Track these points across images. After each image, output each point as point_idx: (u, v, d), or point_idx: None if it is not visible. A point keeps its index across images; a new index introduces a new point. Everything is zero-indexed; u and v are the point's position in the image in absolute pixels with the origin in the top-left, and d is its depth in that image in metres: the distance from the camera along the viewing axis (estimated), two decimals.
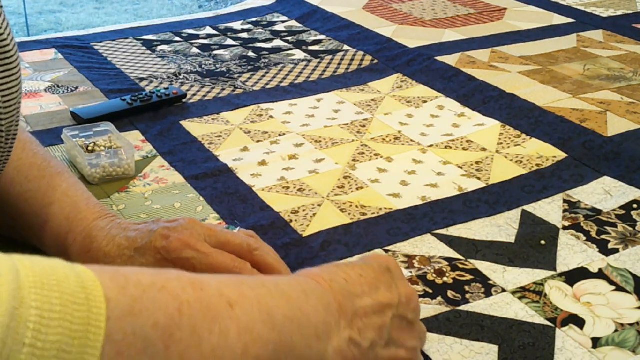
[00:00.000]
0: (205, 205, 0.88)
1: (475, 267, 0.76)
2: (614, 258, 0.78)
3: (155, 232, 0.66)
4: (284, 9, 1.66)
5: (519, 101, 1.15)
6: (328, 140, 1.05)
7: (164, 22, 1.60)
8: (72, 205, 0.72)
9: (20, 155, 0.73)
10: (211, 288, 0.47)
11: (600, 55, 1.37)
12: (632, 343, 0.66)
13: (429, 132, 1.07)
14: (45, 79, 1.25)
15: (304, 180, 0.94)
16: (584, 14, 1.63)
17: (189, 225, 0.67)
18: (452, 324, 0.68)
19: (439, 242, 0.80)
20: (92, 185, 0.91)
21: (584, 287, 0.73)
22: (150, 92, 1.13)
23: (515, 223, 0.84)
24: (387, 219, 0.85)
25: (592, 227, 0.83)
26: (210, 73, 1.30)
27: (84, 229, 0.70)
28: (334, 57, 1.37)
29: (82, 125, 1.01)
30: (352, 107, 1.16)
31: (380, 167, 0.97)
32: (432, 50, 1.38)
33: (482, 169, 0.96)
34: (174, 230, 0.66)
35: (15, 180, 0.71)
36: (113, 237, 0.68)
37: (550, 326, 0.68)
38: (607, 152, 0.99)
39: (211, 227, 0.68)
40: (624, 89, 1.21)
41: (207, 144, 1.03)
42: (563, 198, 0.89)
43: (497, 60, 1.34)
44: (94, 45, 1.42)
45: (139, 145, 1.02)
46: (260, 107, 1.15)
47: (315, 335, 0.51)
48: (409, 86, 1.24)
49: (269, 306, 0.49)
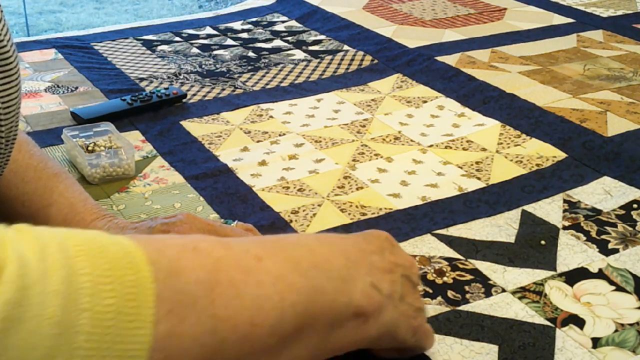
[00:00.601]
0: (205, 205, 0.88)
1: (475, 267, 0.76)
2: (614, 258, 0.78)
3: (154, 229, 0.67)
4: (284, 9, 1.66)
5: (519, 101, 1.15)
6: (328, 140, 1.05)
7: (164, 22, 1.60)
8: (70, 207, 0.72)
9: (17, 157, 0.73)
10: (237, 246, 0.50)
11: (600, 55, 1.37)
12: (632, 343, 0.66)
13: (429, 132, 1.07)
14: (45, 79, 1.25)
15: (304, 180, 0.94)
16: (584, 14, 1.63)
17: (187, 220, 0.67)
18: (452, 324, 0.68)
19: (439, 242, 0.80)
20: (92, 186, 0.91)
21: (584, 287, 0.73)
22: (150, 92, 1.13)
23: (515, 223, 0.84)
24: (387, 219, 0.85)
25: (592, 227, 0.83)
26: (210, 73, 1.30)
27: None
28: (334, 57, 1.37)
29: (82, 125, 1.01)
30: (352, 107, 1.16)
31: (380, 167, 0.97)
32: (432, 50, 1.38)
33: (482, 169, 0.96)
34: (173, 226, 0.66)
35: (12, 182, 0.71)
36: None
37: (550, 326, 0.68)
38: (607, 152, 0.99)
39: (209, 221, 0.69)
40: (624, 89, 1.21)
41: (207, 144, 1.03)
42: (563, 198, 0.89)
43: (497, 60, 1.34)
44: (94, 45, 1.42)
45: (139, 145, 1.02)
46: (260, 107, 1.15)
47: (340, 278, 0.53)
48: (409, 86, 1.24)
49: (293, 256, 0.52)
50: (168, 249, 0.45)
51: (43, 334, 0.37)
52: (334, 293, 0.52)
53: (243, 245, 0.51)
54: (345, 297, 0.53)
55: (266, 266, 0.49)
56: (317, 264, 0.52)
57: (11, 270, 0.37)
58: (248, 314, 0.46)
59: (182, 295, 0.43)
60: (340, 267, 0.54)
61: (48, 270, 0.38)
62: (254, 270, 0.48)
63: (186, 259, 0.45)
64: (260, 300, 0.47)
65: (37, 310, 0.37)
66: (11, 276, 0.37)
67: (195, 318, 0.43)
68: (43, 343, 0.37)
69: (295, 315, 0.49)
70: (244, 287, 0.47)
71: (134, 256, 0.42)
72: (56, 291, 0.38)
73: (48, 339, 0.37)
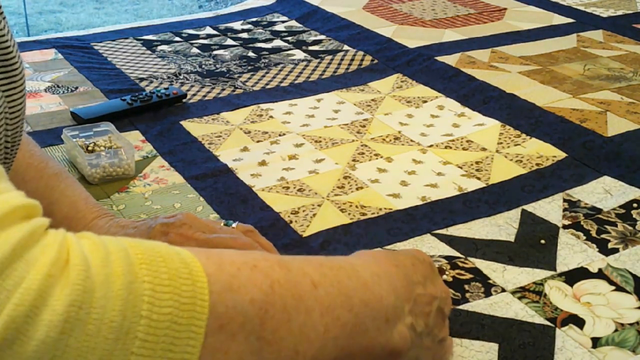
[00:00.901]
0: (205, 205, 0.88)
1: (475, 266, 0.76)
2: (614, 258, 0.78)
3: (154, 229, 0.67)
4: (284, 9, 1.66)
5: (519, 101, 1.15)
6: (328, 140, 1.05)
7: (164, 22, 1.60)
8: (71, 206, 0.72)
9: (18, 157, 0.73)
10: (296, 268, 0.50)
11: (600, 55, 1.37)
12: (632, 343, 0.66)
13: (429, 132, 1.07)
14: (45, 79, 1.25)
15: (304, 181, 0.94)
16: (584, 14, 1.63)
17: (186, 220, 0.67)
18: (452, 322, 0.68)
19: (439, 241, 0.80)
20: (92, 185, 0.91)
21: (584, 287, 0.73)
22: (150, 92, 1.13)
23: (515, 222, 0.84)
24: (387, 219, 0.85)
25: (592, 226, 0.83)
26: (210, 73, 1.30)
27: (82, 228, 0.70)
28: (334, 57, 1.37)
29: (82, 125, 1.01)
30: (352, 107, 1.16)
31: (380, 167, 0.97)
32: (432, 50, 1.38)
33: (482, 169, 0.96)
34: (172, 226, 0.66)
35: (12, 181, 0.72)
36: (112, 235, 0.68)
37: (550, 326, 0.68)
38: (607, 152, 0.99)
39: (209, 221, 0.69)
40: (624, 89, 1.21)
41: (207, 144, 1.03)
42: (563, 197, 0.89)
43: (497, 60, 1.34)
44: (94, 45, 1.42)
45: (139, 145, 1.02)
46: (260, 107, 1.15)
47: (385, 319, 0.53)
48: (409, 86, 1.24)
49: (347, 288, 0.51)
50: (227, 264, 0.46)
51: (101, 338, 0.38)
52: (375, 333, 0.52)
53: (301, 267, 0.51)
54: (384, 338, 0.53)
55: (319, 295, 0.49)
56: (367, 301, 0.52)
57: (77, 272, 0.38)
58: (293, 341, 0.47)
59: (235, 313, 0.44)
60: (389, 305, 0.54)
61: (111, 275, 0.39)
62: (307, 297, 0.48)
63: (244, 276, 0.45)
64: (307, 329, 0.47)
65: (99, 314, 0.38)
66: (77, 278, 0.38)
67: (244, 337, 0.44)
68: (101, 346, 0.38)
69: (335, 349, 0.49)
70: (294, 314, 0.47)
71: (192, 268, 0.43)
72: (118, 296, 0.39)
73: (106, 343, 0.38)
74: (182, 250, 0.44)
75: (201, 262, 0.44)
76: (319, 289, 0.49)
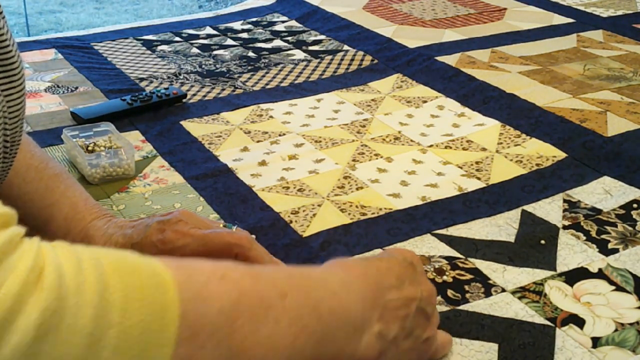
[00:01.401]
0: (205, 205, 0.88)
1: (475, 266, 0.76)
2: (614, 258, 0.78)
3: (151, 227, 0.67)
4: (284, 9, 1.66)
5: (519, 101, 1.15)
6: (328, 140, 1.05)
7: (164, 22, 1.60)
8: (71, 206, 0.72)
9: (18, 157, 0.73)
10: (264, 277, 0.50)
11: (600, 55, 1.37)
12: (632, 343, 0.66)
13: (429, 132, 1.07)
14: (45, 79, 1.25)
15: (304, 181, 0.94)
16: (584, 14, 1.63)
17: (182, 216, 0.68)
18: (452, 322, 0.68)
19: (439, 242, 0.80)
20: (92, 185, 0.91)
21: (584, 287, 0.73)
22: (150, 92, 1.13)
23: (515, 223, 0.84)
24: (387, 219, 0.85)
25: (592, 227, 0.83)
26: (210, 73, 1.30)
27: (81, 229, 0.70)
28: (334, 57, 1.37)
29: (82, 125, 1.01)
30: (352, 107, 1.16)
31: (380, 167, 0.97)
32: (432, 50, 1.38)
33: (482, 169, 0.96)
34: (169, 223, 0.67)
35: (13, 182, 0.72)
36: (110, 235, 0.69)
37: (550, 326, 0.68)
38: (607, 152, 0.99)
39: (206, 219, 0.69)
40: (624, 89, 1.21)
41: (207, 144, 1.03)
42: (563, 198, 0.89)
43: (497, 60, 1.34)
44: (94, 45, 1.42)
45: (139, 145, 1.02)
46: (260, 107, 1.15)
47: (353, 328, 0.54)
48: (409, 86, 1.24)
49: (315, 299, 0.52)
50: (197, 274, 0.46)
51: (74, 344, 0.39)
52: (343, 342, 0.53)
53: (271, 278, 0.51)
54: (352, 347, 0.53)
55: (287, 304, 0.49)
56: (334, 309, 0.53)
57: (51, 280, 0.39)
58: (262, 350, 0.47)
59: (205, 322, 0.44)
60: (357, 315, 0.54)
61: (84, 283, 0.40)
62: (275, 307, 0.48)
63: (213, 286, 0.46)
64: (276, 338, 0.48)
65: (71, 321, 0.39)
66: (51, 285, 0.39)
67: (213, 347, 0.44)
68: (73, 352, 0.39)
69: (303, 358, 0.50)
70: (263, 323, 0.47)
71: (163, 277, 0.44)
72: (89, 304, 0.39)
73: (78, 349, 0.39)
74: (153, 259, 0.45)
75: (171, 271, 0.44)
76: (287, 299, 0.50)
